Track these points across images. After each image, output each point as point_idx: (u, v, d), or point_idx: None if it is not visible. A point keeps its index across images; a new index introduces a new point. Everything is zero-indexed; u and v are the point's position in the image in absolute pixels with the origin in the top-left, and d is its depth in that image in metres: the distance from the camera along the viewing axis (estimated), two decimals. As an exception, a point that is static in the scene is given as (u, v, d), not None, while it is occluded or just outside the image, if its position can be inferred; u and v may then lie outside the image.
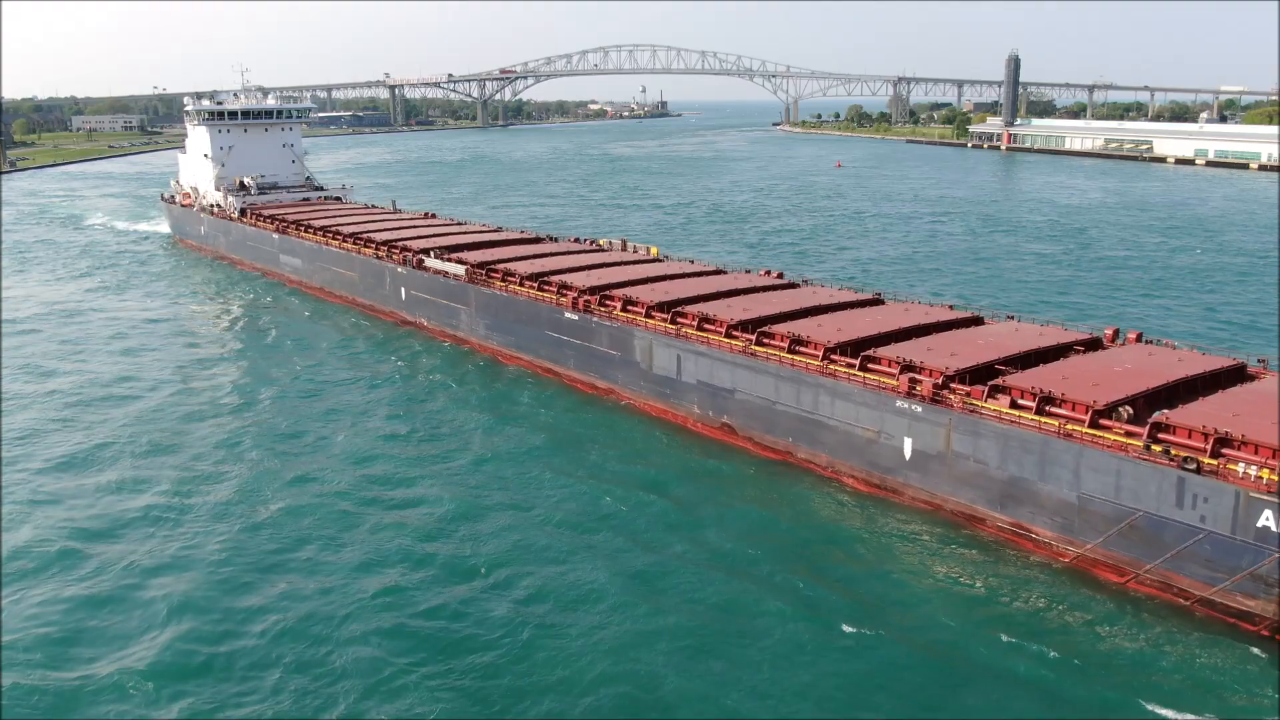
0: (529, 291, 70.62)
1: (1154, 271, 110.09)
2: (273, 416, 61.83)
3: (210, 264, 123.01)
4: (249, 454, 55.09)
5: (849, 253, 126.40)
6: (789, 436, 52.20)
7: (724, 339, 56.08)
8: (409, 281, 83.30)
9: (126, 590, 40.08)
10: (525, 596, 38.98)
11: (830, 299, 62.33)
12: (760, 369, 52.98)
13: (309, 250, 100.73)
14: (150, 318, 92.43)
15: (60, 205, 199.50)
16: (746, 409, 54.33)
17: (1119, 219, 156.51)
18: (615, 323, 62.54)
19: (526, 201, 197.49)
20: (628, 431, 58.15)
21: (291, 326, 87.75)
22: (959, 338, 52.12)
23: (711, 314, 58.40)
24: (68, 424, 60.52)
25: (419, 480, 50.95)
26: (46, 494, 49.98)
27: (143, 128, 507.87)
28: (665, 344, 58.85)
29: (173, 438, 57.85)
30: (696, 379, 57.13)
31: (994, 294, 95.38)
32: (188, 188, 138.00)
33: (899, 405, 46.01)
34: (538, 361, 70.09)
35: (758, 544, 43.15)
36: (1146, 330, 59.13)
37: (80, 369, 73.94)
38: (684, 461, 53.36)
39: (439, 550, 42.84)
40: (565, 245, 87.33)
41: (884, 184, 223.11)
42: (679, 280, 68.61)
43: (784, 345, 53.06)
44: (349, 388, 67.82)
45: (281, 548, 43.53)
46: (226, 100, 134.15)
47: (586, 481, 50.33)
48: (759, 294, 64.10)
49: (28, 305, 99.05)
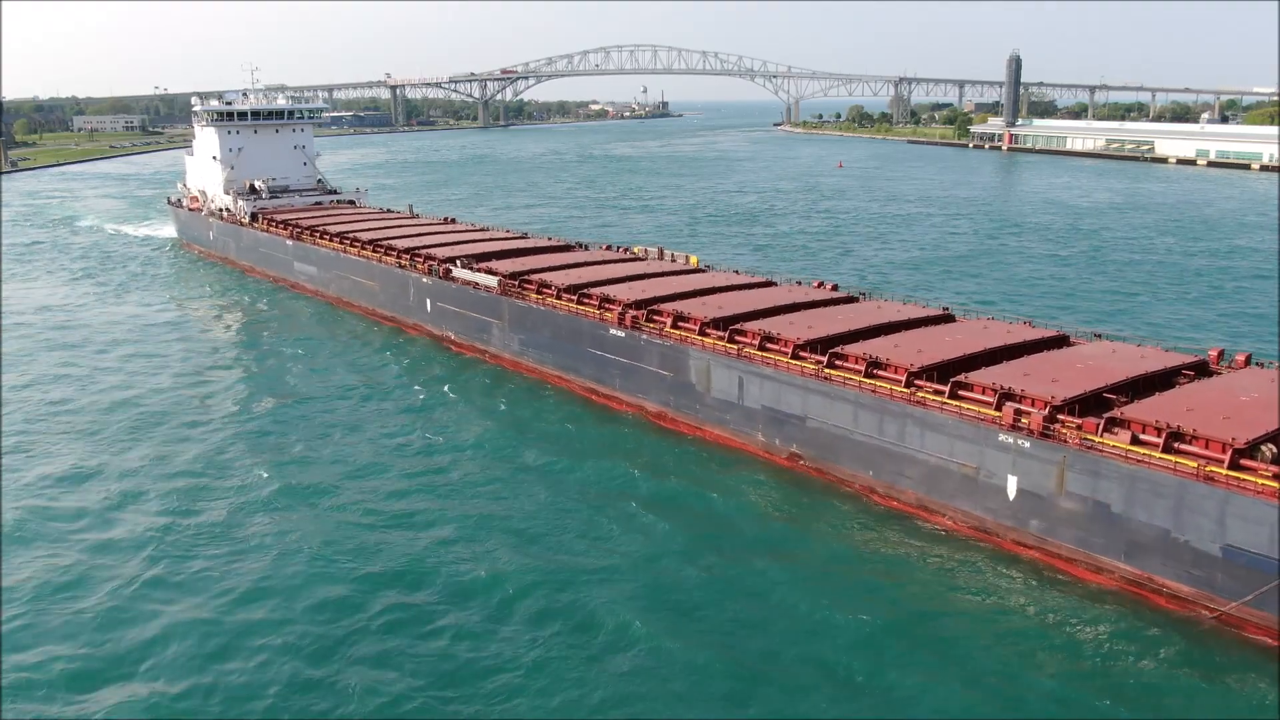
0: (568, 305, 65.86)
1: (1212, 279, 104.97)
2: (288, 437, 57.78)
3: (220, 270, 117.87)
4: (265, 476, 51.17)
5: (863, 256, 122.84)
6: (869, 469, 47.61)
7: (791, 361, 51.41)
8: (435, 293, 78.40)
9: (140, 604, 38.38)
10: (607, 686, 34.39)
11: (898, 315, 57.71)
12: (836, 395, 48.37)
13: (325, 258, 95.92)
14: (157, 327, 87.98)
15: (62, 207, 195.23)
16: (819, 438, 49.73)
17: (1146, 222, 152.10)
18: (667, 341, 57.79)
19: (530, 203, 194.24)
20: (685, 460, 53.45)
21: (308, 339, 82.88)
22: (1052, 361, 47.52)
23: (774, 332, 53.59)
24: (72, 434, 58.32)
25: (456, 516, 46.26)
26: (44, 502, 48.52)
27: (144, 128, 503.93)
28: (725, 365, 54.11)
29: (184, 450, 54.92)
30: (761, 404, 52.46)
31: (1042, 304, 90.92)
32: (195, 191, 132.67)
33: (1002, 439, 41.45)
34: (579, 381, 65.32)
35: (852, 597, 38.62)
36: (1231, 346, 54.64)
37: (84, 378, 70.63)
38: (751, 496, 48.71)
39: (488, 605, 38.18)
40: (598, 253, 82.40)
41: (890, 185, 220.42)
42: (729, 293, 64.04)
43: (860, 369, 48.41)
44: (372, 407, 63.09)
45: (300, 584, 39.43)
46: (235, 100, 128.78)
47: (649, 518, 45.71)
48: (820, 309, 59.49)
49: (29, 311, 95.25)
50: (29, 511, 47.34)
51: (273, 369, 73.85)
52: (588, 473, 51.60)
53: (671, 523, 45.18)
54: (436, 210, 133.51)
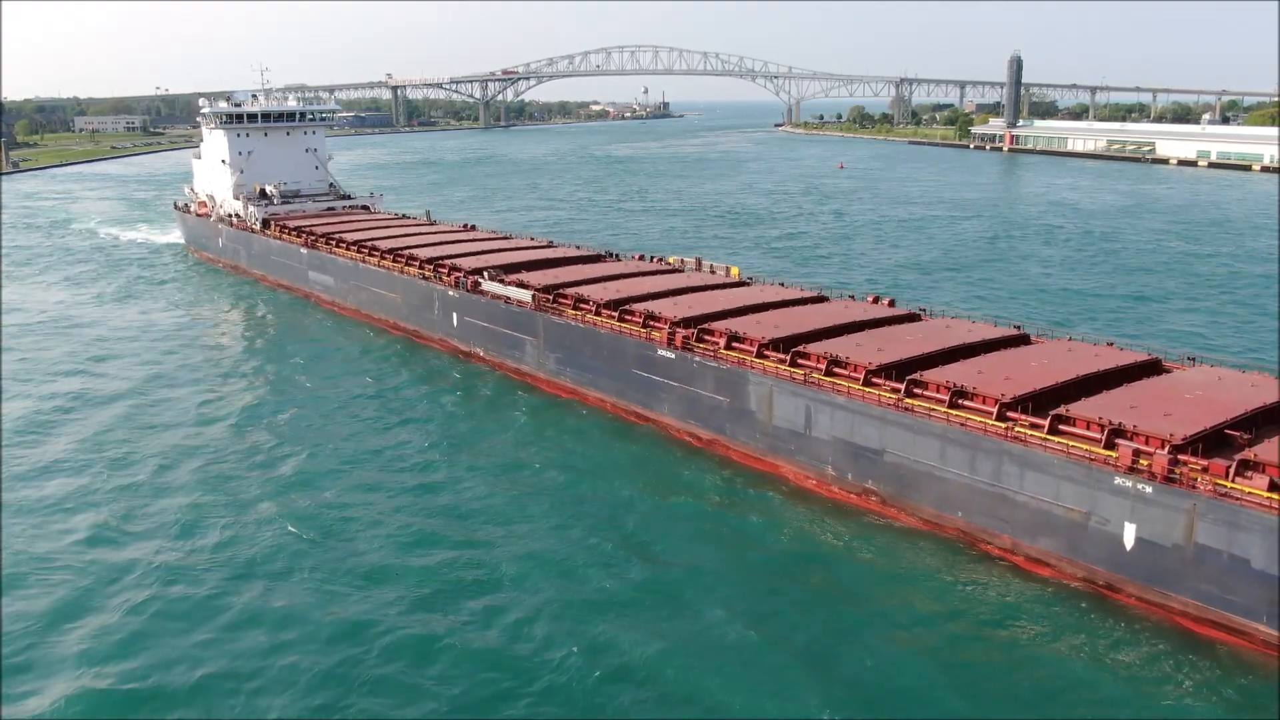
0: (610, 322, 61.73)
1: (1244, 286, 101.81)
2: (307, 461, 53.91)
3: (230, 279, 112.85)
4: (281, 506, 47.63)
5: (878, 261, 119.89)
6: (957, 510, 43.56)
7: (863, 388, 47.41)
8: (463, 306, 74.12)
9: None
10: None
11: (969, 334, 53.55)
12: (919, 428, 44.30)
13: (343, 268, 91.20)
14: (165, 338, 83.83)
15: (64, 209, 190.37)
16: (899, 474, 45.60)
17: (1165, 226, 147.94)
18: (723, 364, 53.56)
19: (533, 204, 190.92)
20: (748, 495, 49.27)
21: (325, 354, 78.50)
22: (1155, 391, 43.45)
23: (842, 355, 49.46)
24: (75, 444, 56.70)
25: (505, 554, 42.05)
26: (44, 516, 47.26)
27: (145, 128, 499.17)
28: (790, 392, 49.96)
29: (201, 471, 51.89)
30: (832, 435, 48.25)
31: (1109, 321, 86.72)
32: (203, 195, 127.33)
33: (1119, 483, 37.42)
34: (622, 404, 61.12)
35: (953, 650, 34.76)
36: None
37: (90, 391, 67.62)
38: (826, 537, 44.71)
39: (542, 666, 34.17)
40: (633, 264, 78.02)
41: (895, 187, 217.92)
42: (782, 310, 60.07)
43: (944, 398, 44.43)
44: (401, 431, 58.68)
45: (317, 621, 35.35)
46: (245, 102, 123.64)
47: (716, 557, 42.14)
48: (883, 329, 55.29)
49: (32, 319, 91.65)
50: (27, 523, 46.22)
51: (292, 383, 69.97)
52: (644, 507, 47.85)
53: (741, 565, 41.77)
54: (440, 213, 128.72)
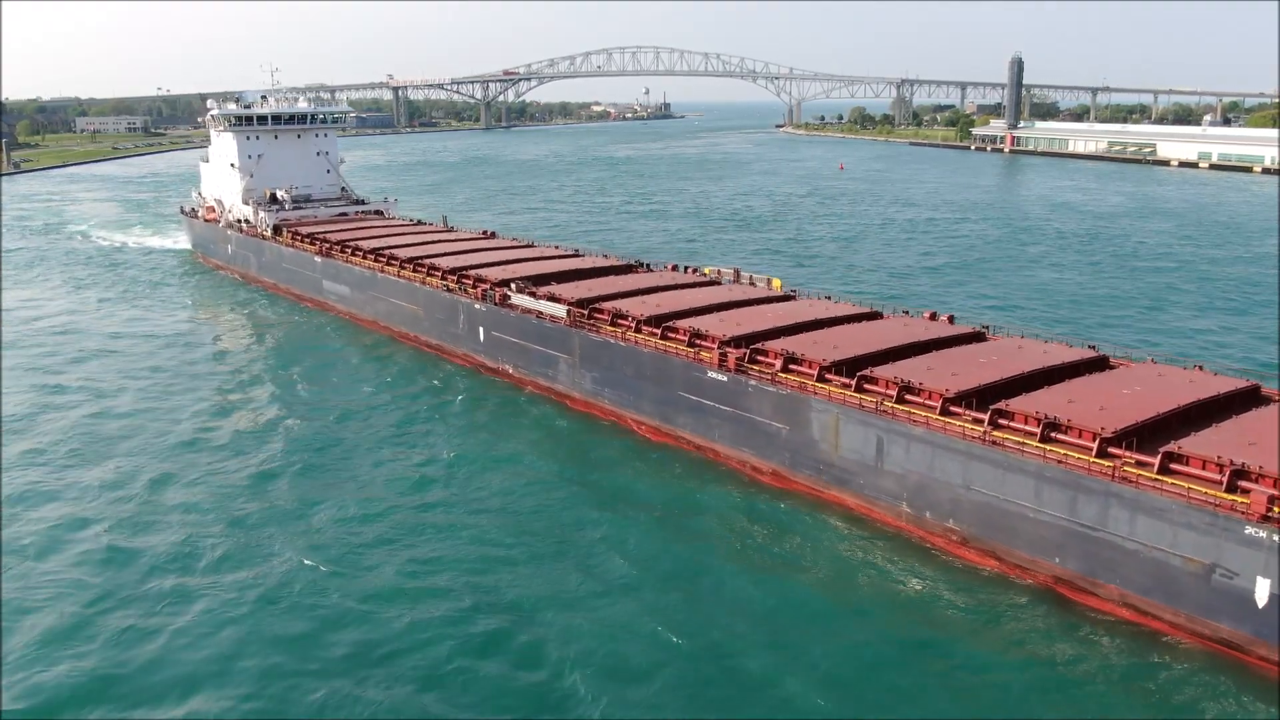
0: (653, 341, 57.76)
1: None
2: (333, 484, 50.67)
3: (239, 287, 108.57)
4: (296, 534, 44.98)
5: (890, 265, 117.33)
6: (1053, 555, 39.68)
7: (942, 419, 43.58)
8: (490, 321, 69.99)
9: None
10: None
11: (1046, 356, 49.45)
12: (1010, 464, 40.34)
13: (360, 277, 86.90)
14: (173, 349, 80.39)
15: (64, 211, 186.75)
16: (985, 514, 41.60)
17: (1190, 231, 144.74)
18: (781, 388, 49.51)
19: (536, 207, 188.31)
20: (814, 534, 45.25)
21: (341, 369, 74.82)
22: (1266, 424, 39.47)
23: (914, 381, 45.49)
24: (78, 462, 54.95)
25: (545, 602, 38.34)
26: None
27: (146, 129, 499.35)
28: (859, 421, 46.01)
29: (218, 502, 48.53)
30: (906, 469, 44.29)
31: (1135, 334, 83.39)
32: (211, 200, 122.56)
33: (1250, 533, 33.59)
34: (668, 429, 57.12)
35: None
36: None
37: (94, 405, 65.32)
38: (910, 582, 40.80)
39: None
40: (668, 275, 73.82)
41: (899, 189, 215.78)
42: (836, 329, 56.04)
43: (1034, 430, 40.61)
44: (432, 465, 54.37)
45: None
46: (254, 103, 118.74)
47: (790, 602, 38.45)
48: (950, 350, 51.10)
49: (32, 329, 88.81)
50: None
51: (308, 400, 66.47)
52: (701, 544, 44.26)
53: (819, 613, 38.49)
54: (448, 218, 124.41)
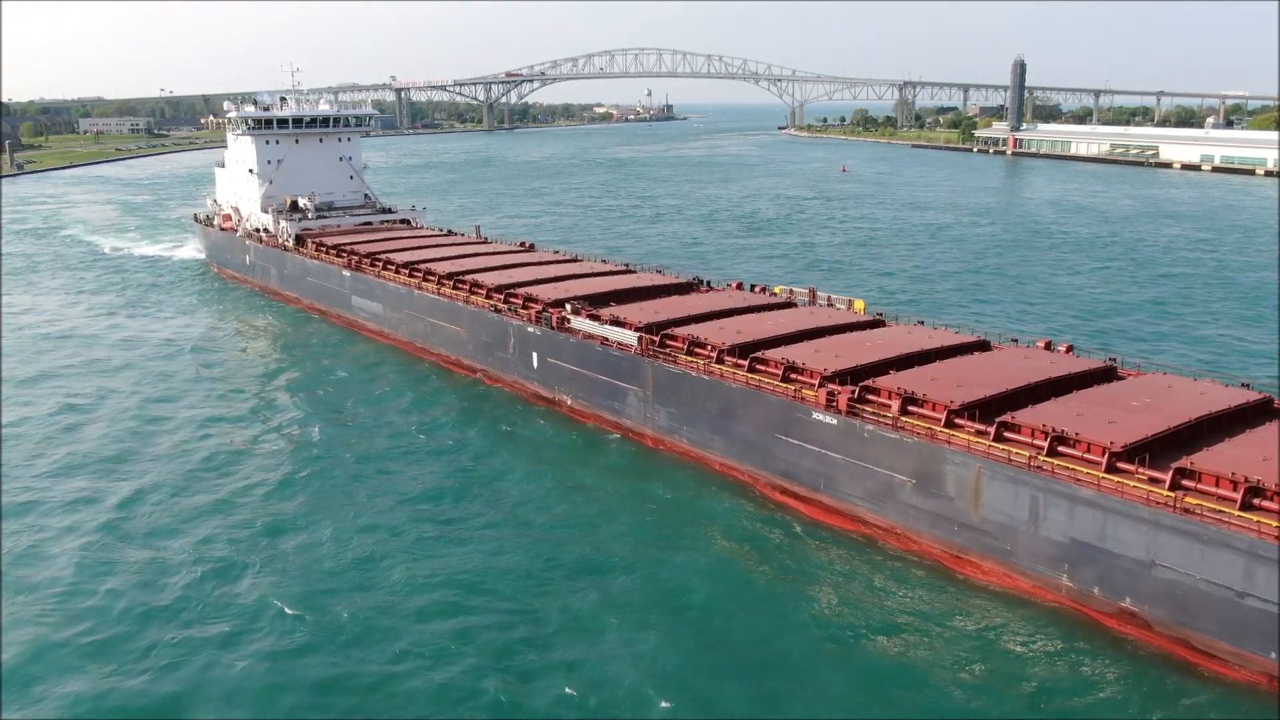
0: (740, 374, 50.96)
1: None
2: (366, 534, 45.32)
3: (260, 301, 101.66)
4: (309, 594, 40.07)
5: (909, 271, 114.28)
6: (1271, 651, 32.70)
7: (1115, 477, 36.50)
8: (546, 346, 63.65)
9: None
10: None
11: (1204, 397, 42.23)
12: (1210, 538, 33.10)
13: (394, 294, 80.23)
14: (190, 368, 75.16)
15: (69, 216, 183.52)
16: (1177, 596, 34.67)
17: (1209, 235, 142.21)
18: (906, 436, 42.46)
19: (539, 210, 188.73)
20: (951, 607, 38.75)
21: (377, 395, 68.13)
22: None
23: (1068, 432, 38.60)
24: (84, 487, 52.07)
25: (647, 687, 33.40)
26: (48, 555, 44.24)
27: (149, 130, 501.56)
28: (1007, 477, 38.90)
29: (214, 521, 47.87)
30: (1070, 536, 37.31)
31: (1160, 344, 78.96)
32: (227, 207, 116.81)
33: None
34: (762, 475, 50.27)
35: None
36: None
37: (100, 424, 61.98)
38: (1083, 671, 34.41)
39: None
40: (738, 296, 66.35)
41: (905, 191, 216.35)
42: (948, 362, 49.28)
43: (1232, 496, 33.88)
44: (478, 496, 49.91)
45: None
46: (272, 105, 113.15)
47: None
48: (1092, 391, 44.09)
49: (38, 334, 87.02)
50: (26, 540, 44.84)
51: (329, 433, 59.94)
52: (819, 621, 38.10)
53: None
54: (438, 218, 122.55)
